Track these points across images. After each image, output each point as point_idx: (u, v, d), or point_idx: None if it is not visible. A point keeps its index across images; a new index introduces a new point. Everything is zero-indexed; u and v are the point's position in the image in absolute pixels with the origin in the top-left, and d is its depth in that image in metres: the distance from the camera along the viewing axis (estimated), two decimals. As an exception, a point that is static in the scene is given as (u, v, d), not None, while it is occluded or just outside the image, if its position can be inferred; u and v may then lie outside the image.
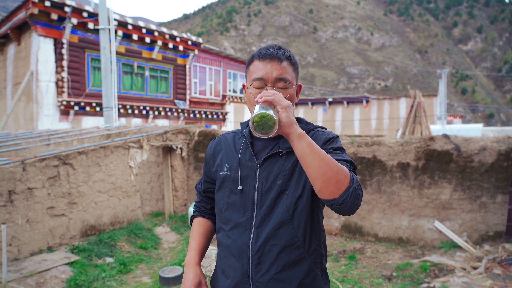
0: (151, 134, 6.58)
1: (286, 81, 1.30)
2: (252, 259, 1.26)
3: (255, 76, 1.31)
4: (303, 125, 1.37)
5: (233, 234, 1.31)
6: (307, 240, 1.28)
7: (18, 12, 11.14)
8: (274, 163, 1.30)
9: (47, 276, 3.99)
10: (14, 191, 4.33)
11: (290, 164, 1.29)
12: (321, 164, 1.08)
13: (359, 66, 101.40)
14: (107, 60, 8.11)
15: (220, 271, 1.38)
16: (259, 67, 1.31)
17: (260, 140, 1.37)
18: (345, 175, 1.10)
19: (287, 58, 1.33)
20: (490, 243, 5.03)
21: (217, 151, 1.46)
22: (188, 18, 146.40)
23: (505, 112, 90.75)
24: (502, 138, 5.30)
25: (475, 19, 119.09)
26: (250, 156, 1.34)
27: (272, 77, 1.29)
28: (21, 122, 11.74)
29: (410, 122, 10.63)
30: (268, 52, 1.31)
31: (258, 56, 1.33)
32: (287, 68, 1.32)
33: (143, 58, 13.67)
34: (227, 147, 1.43)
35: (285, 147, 1.31)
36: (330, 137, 1.33)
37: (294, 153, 1.25)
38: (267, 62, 1.30)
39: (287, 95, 1.29)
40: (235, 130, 1.54)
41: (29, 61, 11.03)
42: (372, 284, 4.18)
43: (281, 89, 1.30)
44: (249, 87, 1.34)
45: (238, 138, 1.44)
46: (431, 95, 22.20)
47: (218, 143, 1.49)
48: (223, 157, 1.42)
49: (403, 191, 5.56)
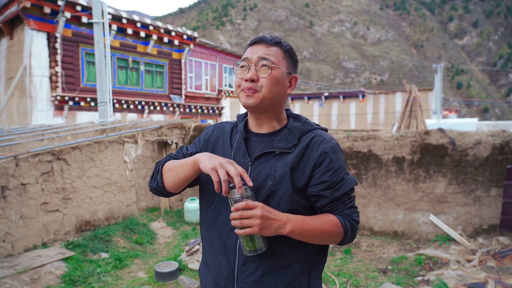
0: (146, 129, 6.54)
1: (268, 61, 1.24)
2: (239, 259, 1.25)
3: (242, 58, 1.30)
4: (301, 125, 1.31)
5: (221, 231, 1.28)
6: (296, 248, 1.25)
7: (10, 6, 10.98)
8: (266, 163, 1.26)
9: (42, 272, 3.97)
10: (7, 187, 4.28)
11: (282, 165, 1.24)
12: (315, 238, 1.22)
13: (355, 60, 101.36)
14: (101, 54, 8.03)
15: (205, 265, 1.38)
16: (247, 51, 1.30)
17: (256, 136, 1.33)
18: (338, 234, 1.24)
19: (277, 44, 1.28)
20: (484, 236, 5.07)
21: (213, 138, 1.40)
22: (184, 12, 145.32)
23: (500, 106, 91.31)
24: (496, 132, 5.32)
25: (470, 13, 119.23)
26: (243, 153, 1.30)
27: (255, 56, 1.25)
28: (14, 117, 11.63)
29: (405, 116, 10.66)
30: (258, 37, 1.30)
31: (249, 43, 1.32)
32: (274, 52, 1.27)
33: (138, 53, 13.56)
34: (224, 138, 1.38)
35: (279, 146, 1.26)
36: (326, 150, 1.25)
37: (288, 154, 1.24)
38: (255, 46, 1.29)
39: (267, 74, 1.24)
40: (233, 121, 1.48)
41: (22, 56, 10.89)
42: (368, 277, 4.20)
43: (262, 68, 1.25)
44: (236, 67, 1.32)
45: (235, 132, 1.39)
46: (426, 90, 22.24)
47: (215, 129, 1.43)
48: (217, 149, 1.37)
49: (399, 185, 5.57)
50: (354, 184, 1.29)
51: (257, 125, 1.33)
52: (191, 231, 5.99)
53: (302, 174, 1.24)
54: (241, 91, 1.27)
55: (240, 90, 1.27)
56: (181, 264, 4.44)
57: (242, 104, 1.28)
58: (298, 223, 1.17)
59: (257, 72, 1.24)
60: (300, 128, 1.29)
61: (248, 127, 1.37)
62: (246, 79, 1.24)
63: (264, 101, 1.25)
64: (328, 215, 1.25)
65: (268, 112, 1.30)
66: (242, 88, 1.27)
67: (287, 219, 1.16)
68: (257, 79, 1.24)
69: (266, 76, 1.24)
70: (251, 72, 1.24)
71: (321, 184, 1.23)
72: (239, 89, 1.28)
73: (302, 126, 1.31)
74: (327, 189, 1.24)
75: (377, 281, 4.09)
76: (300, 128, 1.29)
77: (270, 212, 1.13)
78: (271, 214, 1.13)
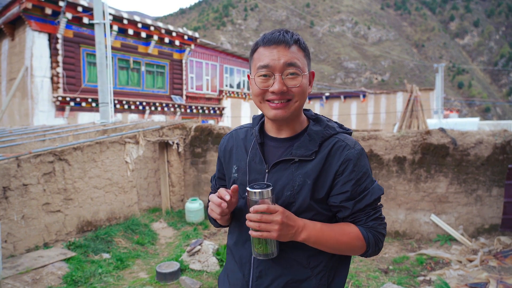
0: (147, 130, 6.54)
1: (296, 67, 1.13)
2: (254, 272, 1.19)
3: (260, 64, 1.14)
4: (322, 129, 1.21)
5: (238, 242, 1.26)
6: (313, 260, 1.18)
7: (12, 7, 11.01)
8: (284, 171, 1.17)
9: (44, 272, 3.98)
10: (9, 188, 4.29)
11: (301, 174, 1.15)
12: (332, 248, 1.15)
13: (356, 60, 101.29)
14: (103, 55, 8.04)
15: (225, 274, 1.34)
16: (264, 54, 1.14)
17: (273, 140, 1.24)
18: (359, 247, 1.16)
19: (296, 42, 1.15)
20: (485, 236, 5.06)
21: (228, 147, 1.35)
22: (185, 12, 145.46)
23: (501, 106, 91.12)
24: (498, 132, 5.31)
25: (471, 13, 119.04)
26: (260, 159, 1.22)
27: (280, 63, 1.11)
28: (16, 118, 11.65)
29: (407, 116, 10.64)
30: (273, 36, 1.14)
31: (263, 42, 1.16)
32: (297, 54, 1.14)
33: (139, 53, 13.58)
34: (238, 145, 1.31)
35: (298, 154, 1.16)
36: (349, 157, 1.15)
37: (308, 162, 1.16)
38: (273, 48, 1.13)
39: (298, 83, 1.13)
40: (249, 124, 1.38)
41: (24, 57, 10.92)
42: (369, 277, 4.20)
43: (290, 77, 1.13)
44: (253, 76, 1.17)
45: (250, 135, 1.31)
46: (427, 89, 22.22)
47: (229, 139, 1.37)
48: (233, 156, 1.31)
49: (400, 185, 5.57)
50: (379, 194, 1.19)
51: (277, 129, 1.24)
52: (192, 232, 5.99)
53: (323, 184, 1.15)
54: (267, 102, 1.16)
55: (264, 100, 1.17)
56: (183, 265, 4.44)
57: (269, 117, 1.17)
58: (314, 230, 1.11)
59: (284, 81, 1.13)
60: (321, 133, 1.19)
61: (264, 130, 1.28)
62: (273, 91, 1.13)
63: (295, 111, 1.17)
64: (349, 225, 1.18)
65: (291, 118, 1.20)
66: (267, 99, 1.16)
67: (304, 226, 1.11)
68: (287, 90, 1.13)
69: (296, 85, 1.14)
70: (279, 84, 1.12)
71: (342, 195, 1.15)
72: (261, 98, 1.17)
73: (323, 130, 1.20)
74: (348, 200, 1.15)
75: (378, 281, 4.09)
76: (321, 133, 1.19)
77: (289, 218, 1.08)
78: (290, 220, 1.08)
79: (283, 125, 1.21)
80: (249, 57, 1.24)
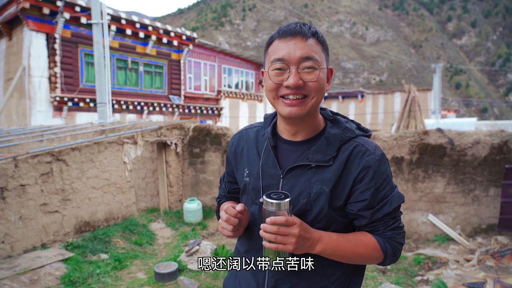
0: (146, 130, 6.54)
1: (314, 60, 1.05)
2: (269, 281, 1.14)
3: (274, 57, 1.07)
4: (341, 133, 1.13)
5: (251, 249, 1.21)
6: (330, 268, 1.13)
7: (9, 7, 10.96)
8: (300, 177, 1.10)
9: (41, 273, 3.97)
10: (6, 188, 4.28)
11: (319, 181, 1.08)
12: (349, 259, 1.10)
13: (354, 60, 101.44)
14: (101, 55, 8.03)
15: (236, 278, 1.26)
16: (279, 47, 1.07)
17: (287, 143, 1.16)
18: (376, 258, 1.11)
19: (314, 35, 1.08)
20: (483, 236, 5.08)
21: (239, 148, 1.26)
22: (183, 12, 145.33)
23: (499, 106, 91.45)
24: (495, 132, 5.34)
25: (469, 13, 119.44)
26: (273, 163, 1.14)
27: (296, 56, 1.04)
28: (13, 118, 11.61)
29: (404, 116, 10.67)
30: (289, 28, 1.07)
31: (278, 34, 1.09)
32: (314, 47, 1.07)
33: (137, 53, 13.56)
34: (249, 146, 1.23)
35: (315, 159, 1.09)
36: (369, 164, 1.08)
37: (326, 168, 1.09)
38: (289, 40, 1.06)
39: (315, 77, 1.06)
40: (259, 124, 1.29)
41: (21, 56, 10.88)
42: (367, 277, 4.21)
43: (307, 70, 1.05)
44: (267, 70, 1.10)
45: (261, 136, 1.22)
46: (425, 90, 22.28)
47: (240, 139, 1.28)
48: (244, 158, 1.24)
49: (398, 185, 5.57)
50: (400, 202, 1.12)
51: (291, 131, 1.15)
52: (190, 232, 5.99)
53: (341, 192, 1.09)
54: (281, 98, 1.09)
55: (278, 96, 1.09)
56: (181, 265, 4.44)
57: (283, 114, 1.09)
58: (330, 243, 1.06)
59: (300, 74, 1.05)
60: (339, 137, 1.11)
61: (277, 132, 1.20)
62: (288, 85, 1.05)
63: (312, 108, 1.09)
64: (366, 234, 1.12)
65: (308, 118, 1.12)
66: (281, 94, 1.08)
67: (319, 238, 1.05)
68: (303, 85, 1.06)
69: (313, 80, 1.06)
70: (294, 77, 1.05)
71: (360, 203, 1.09)
72: (275, 94, 1.09)
73: (341, 134, 1.13)
74: (367, 209, 1.09)
75: (376, 281, 4.10)
76: (340, 137, 1.11)
77: (306, 231, 1.02)
78: (307, 233, 1.02)
79: (299, 125, 1.13)
80: (264, 52, 1.17)
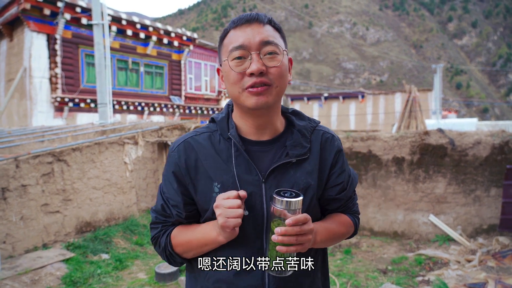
0: (146, 130, 6.54)
1: (275, 45, 1.00)
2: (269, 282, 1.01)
3: (233, 45, 0.99)
4: (307, 123, 1.12)
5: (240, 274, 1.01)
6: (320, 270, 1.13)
7: (10, 7, 10.99)
8: (283, 176, 1.03)
9: (42, 273, 3.98)
10: (7, 188, 4.29)
11: (303, 175, 1.04)
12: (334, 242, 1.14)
13: (354, 61, 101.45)
14: (101, 56, 8.04)
15: None
16: (236, 35, 1.00)
17: (254, 144, 1.06)
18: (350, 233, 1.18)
19: (270, 22, 1.03)
20: (484, 236, 5.08)
21: (191, 162, 1.05)
22: (183, 13, 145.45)
23: (499, 106, 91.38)
24: (496, 132, 5.33)
25: (470, 13, 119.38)
26: (249, 168, 1.02)
27: (256, 41, 0.98)
28: (14, 119, 11.63)
29: (405, 116, 10.66)
30: (244, 16, 1.02)
31: (233, 24, 1.03)
32: (273, 32, 1.02)
33: (137, 54, 13.57)
34: (207, 156, 1.04)
35: (295, 154, 1.04)
36: (340, 148, 1.14)
37: (304, 160, 1.06)
38: (246, 26, 1.00)
39: (278, 63, 0.99)
40: (205, 129, 1.11)
41: (22, 57, 10.90)
42: (368, 277, 4.21)
43: (269, 56, 0.99)
44: (227, 61, 1.01)
45: (218, 142, 1.06)
46: (426, 90, 22.27)
47: (187, 150, 1.06)
48: (204, 172, 1.03)
49: (398, 185, 5.58)
50: (357, 177, 1.21)
51: (258, 130, 1.06)
52: (191, 232, 5.99)
53: (323, 181, 1.09)
54: (245, 90, 0.99)
55: (244, 88, 0.99)
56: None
57: (250, 106, 0.99)
58: (324, 231, 1.05)
59: (263, 60, 0.98)
60: (308, 128, 1.10)
61: (239, 134, 1.07)
62: (252, 72, 0.97)
63: (277, 97, 1.02)
64: (341, 215, 1.16)
65: (274, 111, 1.06)
66: (246, 86, 0.98)
67: (316, 229, 1.01)
68: (266, 71, 0.98)
69: (276, 65, 0.99)
70: (257, 63, 0.97)
71: (337, 187, 1.11)
72: (239, 87, 1.00)
73: (308, 124, 1.12)
74: (342, 191, 1.12)
75: (377, 281, 4.10)
76: (309, 127, 1.11)
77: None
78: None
79: (266, 120, 1.05)
80: (218, 46, 1.09)
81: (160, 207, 1.10)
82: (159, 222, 1.11)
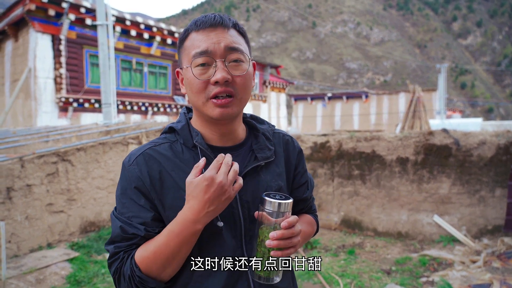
0: (150, 130, 6.56)
1: (240, 52, 0.96)
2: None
3: (196, 51, 0.94)
4: (268, 127, 1.12)
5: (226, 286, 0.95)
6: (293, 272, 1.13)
7: (15, 8, 11.07)
8: (254, 180, 1.01)
9: (47, 272, 4.00)
10: (12, 188, 4.32)
11: (274, 178, 1.04)
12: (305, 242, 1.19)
13: (358, 61, 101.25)
14: (105, 56, 8.07)
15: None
16: (199, 39, 0.95)
17: (223, 150, 1.00)
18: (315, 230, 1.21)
19: (234, 26, 0.99)
20: (489, 237, 5.05)
21: (154, 175, 0.95)
22: (187, 13, 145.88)
23: (504, 106, 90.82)
24: (501, 132, 5.30)
25: (474, 13, 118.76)
26: None
27: (220, 48, 0.93)
28: (19, 119, 11.71)
29: (409, 117, 10.63)
30: (208, 18, 0.96)
31: (196, 26, 0.97)
32: (237, 38, 0.98)
33: (141, 54, 13.62)
34: (173, 168, 0.97)
35: (263, 157, 1.03)
36: (300, 148, 1.17)
37: (271, 163, 1.06)
38: (209, 31, 0.95)
39: (243, 71, 0.96)
40: (162, 140, 1.03)
41: (27, 58, 10.97)
42: (371, 278, 4.20)
43: (234, 64, 0.95)
44: (189, 66, 0.95)
45: (181, 152, 0.99)
46: (430, 90, 22.20)
47: (148, 162, 0.97)
48: (176, 183, 0.95)
49: (402, 185, 5.56)
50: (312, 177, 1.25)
51: (222, 137, 1.03)
52: (195, 232, 6.00)
53: (289, 182, 1.12)
54: (210, 100, 0.94)
55: (208, 98, 0.94)
56: (185, 265, 4.45)
57: (214, 116, 0.95)
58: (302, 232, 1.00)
59: (227, 68, 0.94)
60: (269, 131, 1.11)
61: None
62: (217, 81, 0.92)
63: (241, 107, 1.00)
64: (306, 215, 1.18)
65: (237, 119, 1.04)
66: (210, 95, 0.94)
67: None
68: (231, 79, 0.94)
69: (241, 74, 0.96)
70: (222, 71, 0.93)
71: (302, 187, 1.15)
72: (204, 97, 0.95)
73: (269, 127, 1.12)
74: (307, 191, 1.16)
75: (381, 282, 4.09)
76: (270, 131, 1.11)
77: None
78: None
79: (231, 126, 1.02)
80: (178, 48, 1.03)
81: (120, 230, 0.93)
82: (119, 251, 0.94)
